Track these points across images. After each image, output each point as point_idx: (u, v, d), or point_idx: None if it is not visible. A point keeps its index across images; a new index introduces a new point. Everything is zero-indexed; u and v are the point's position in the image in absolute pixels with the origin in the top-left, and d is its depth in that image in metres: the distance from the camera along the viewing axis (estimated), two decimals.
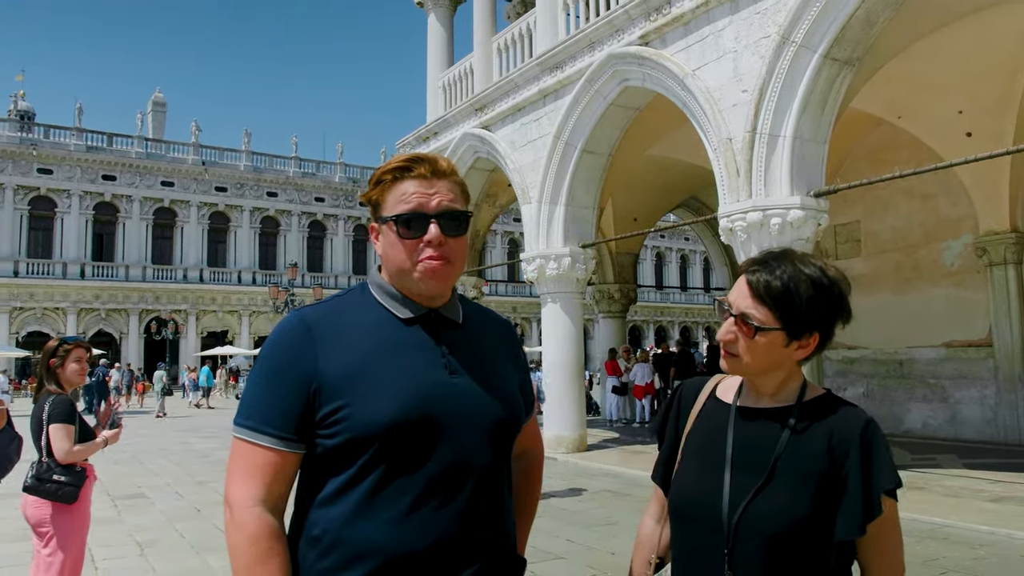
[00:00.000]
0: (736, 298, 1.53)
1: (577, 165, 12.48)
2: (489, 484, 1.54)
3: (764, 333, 1.49)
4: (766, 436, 1.52)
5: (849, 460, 1.45)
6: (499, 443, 1.58)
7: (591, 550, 6.56)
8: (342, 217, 50.04)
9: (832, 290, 1.51)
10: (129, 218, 43.35)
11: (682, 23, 10.19)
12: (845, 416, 1.51)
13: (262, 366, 1.52)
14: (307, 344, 1.49)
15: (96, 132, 43.62)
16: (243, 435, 1.49)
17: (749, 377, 1.58)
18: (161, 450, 14.49)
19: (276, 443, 1.46)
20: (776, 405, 1.56)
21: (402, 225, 1.53)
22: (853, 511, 1.43)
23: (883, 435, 1.49)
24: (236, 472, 1.48)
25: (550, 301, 12.88)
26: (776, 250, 1.58)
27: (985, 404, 12.90)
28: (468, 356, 1.59)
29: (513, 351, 1.76)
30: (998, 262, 12.78)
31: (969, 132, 12.22)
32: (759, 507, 1.45)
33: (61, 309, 41.00)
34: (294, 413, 1.46)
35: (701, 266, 61.85)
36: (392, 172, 1.57)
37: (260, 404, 1.49)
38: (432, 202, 1.54)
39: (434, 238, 1.52)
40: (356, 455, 1.45)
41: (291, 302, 28.91)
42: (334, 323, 1.54)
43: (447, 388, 1.52)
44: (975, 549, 6.31)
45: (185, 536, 7.23)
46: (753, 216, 8.86)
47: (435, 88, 17.01)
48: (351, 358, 1.49)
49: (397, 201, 1.54)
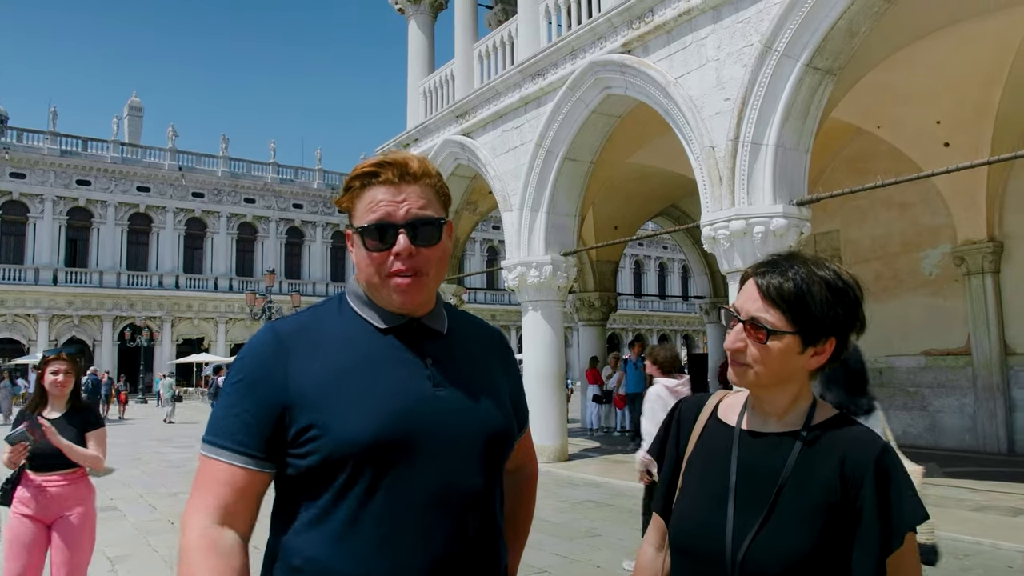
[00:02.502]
0: (744, 303, 1.42)
1: (559, 173, 12.44)
2: (480, 506, 1.43)
3: (777, 337, 1.37)
4: (773, 464, 1.40)
5: (863, 490, 1.33)
6: (490, 461, 1.47)
7: (575, 562, 6.47)
8: (320, 224, 49.71)
9: (848, 292, 1.40)
10: (104, 223, 42.74)
11: (664, 31, 10.18)
12: (858, 441, 1.39)
13: (232, 381, 1.42)
14: (279, 358, 1.39)
15: (71, 136, 42.97)
16: (206, 451, 1.39)
17: (759, 392, 1.45)
18: (135, 460, 14.23)
19: (240, 460, 1.36)
20: (784, 429, 1.43)
21: (368, 237, 1.42)
22: (870, 547, 1.31)
23: (901, 463, 1.38)
24: (195, 489, 1.39)
25: (531, 309, 12.81)
26: (784, 252, 1.47)
27: (964, 412, 12.98)
28: (454, 368, 1.48)
29: (504, 362, 1.64)
30: (976, 271, 12.88)
31: (947, 142, 12.32)
32: (765, 543, 1.34)
33: (33, 316, 40.32)
34: (263, 430, 1.36)
35: (680, 274, 62.09)
36: (360, 178, 1.45)
37: (227, 420, 1.39)
38: (400, 211, 1.42)
39: (403, 250, 1.41)
40: (333, 477, 1.34)
41: (268, 309, 28.64)
42: (309, 336, 1.44)
43: (431, 402, 1.41)
44: (960, 559, 6.28)
45: (158, 551, 7.05)
46: (736, 224, 8.84)
47: (416, 94, 16.92)
48: (326, 372, 1.38)
49: (365, 210, 1.43)
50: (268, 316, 28.56)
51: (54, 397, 4.17)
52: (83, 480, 4.24)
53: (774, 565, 1.33)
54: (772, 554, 1.34)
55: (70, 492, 4.14)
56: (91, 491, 4.30)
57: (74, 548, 4.10)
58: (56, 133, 42.27)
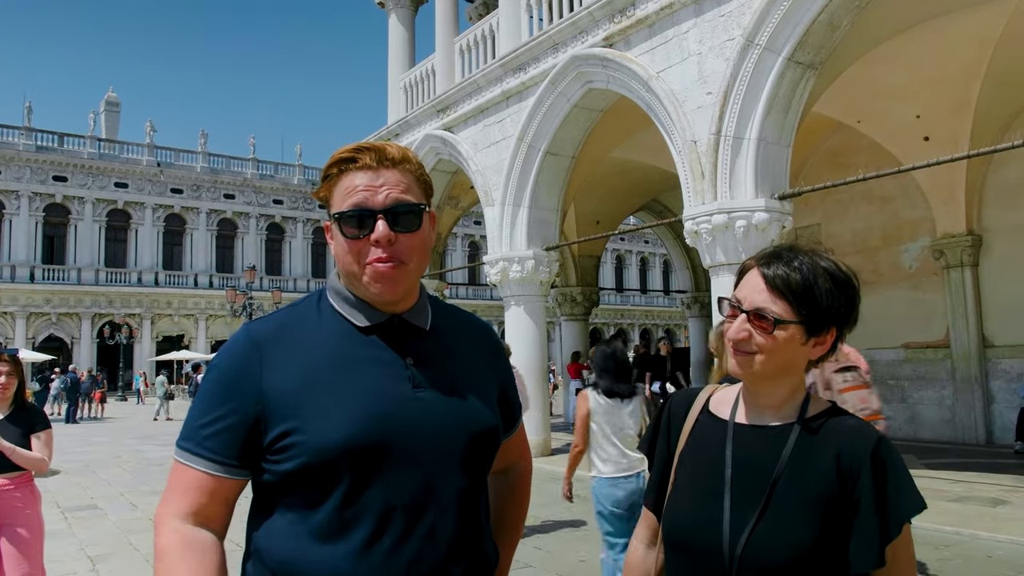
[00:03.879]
0: (749, 293, 1.41)
1: (541, 167, 12.42)
2: (463, 509, 1.39)
3: (784, 327, 1.37)
4: (768, 456, 1.39)
5: (860, 482, 1.33)
6: (474, 461, 1.43)
7: (559, 557, 6.47)
8: (301, 220, 49.43)
9: (850, 283, 1.41)
10: (81, 220, 42.23)
11: (646, 25, 10.17)
12: (854, 433, 1.38)
13: (206, 387, 1.39)
14: (253, 363, 1.35)
15: (46, 132, 42.41)
16: (180, 457, 1.36)
17: (760, 383, 1.44)
18: (115, 459, 14.11)
19: (214, 468, 1.34)
20: (779, 422, 1.43)
21: (346, 223, 1.37)
22: (868, 539, 1.31)
23: (898, 453, 1.37)
24: (168, 492, 1.37)
25: (513, 304, 12.79)
26: (785, 244, 1.48)
27: (943, 404, 13.10)
28: (436, 367, 1.43)
29: (492, 359, 1.59)
30: (955, 264, 13.00)
31: (927, 136, 12.42)
32: (764, 536, 1.33)
33: (9, 313, 39.81)
34: (237, 437, 1.33)
35: (661, 269, 62.29)
36: (337, 164, 1.40)
37: (200, 426, 1.35)
38: (378, 196, 1.37)
39: (381, 236, 1.35)
40: (310, 481, 1.31)
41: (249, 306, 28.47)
42: (285, 338, 1.39)
43: (410, 405, 1.37)
44: (940, 550, 6.34)
45: (139, 549, 6.98)
46: (718, 218, 8.86)
47: (396, 89, 16.83)
48: (303, 376, 1.34)
49: (343, 197, 1.38)
50: (249, 313, 28.39)
51: None
52: (29, 484, 4.18)
53: (774, 558, 1.32)
54: (771, 547, 1.33)
55: (15, 496, 4.07)
56: (37, 496, 4.23)
57: (28, 555, 4.04)
58: (31, 128, 41.68)
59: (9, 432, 4.02)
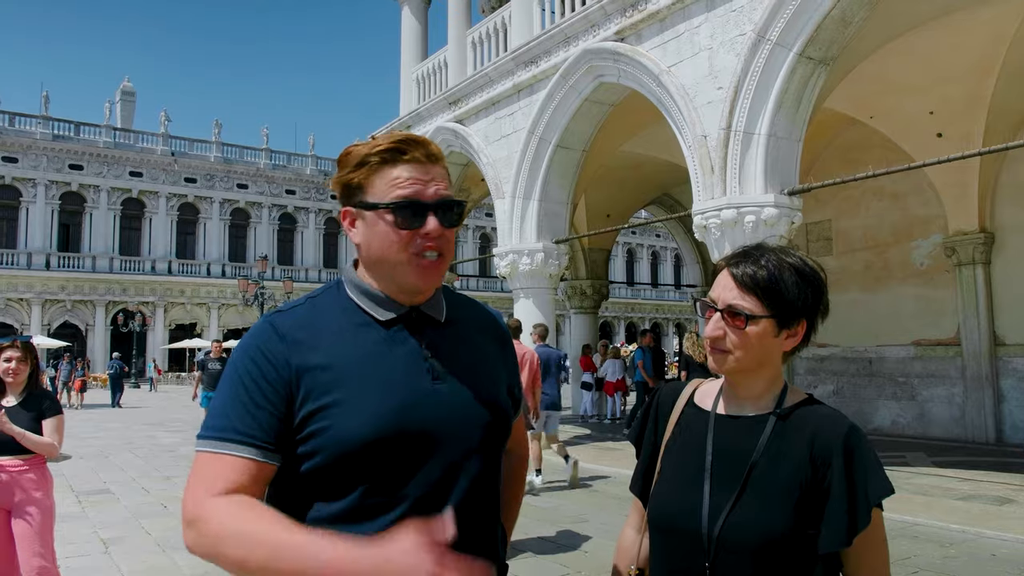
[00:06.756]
0: (721, 292, 1.49)
1: (551, 160, 12.44)
2: (480, 495, 1.43)
3: (755, 322, 1.44)
4: (746, 445, 1.46)
5: (832, 469, 1.39)
6: (490, 450, 1.47)
7: (562, 547, 6.51)
8: (313, 210, 49.61)
9: (816, 276, 1.49)
10: (96, 208, 42.60)
11: (658, 19, 10.16)
12: (827, 422, 1.45)
13: (231, 375, 1.37)
14: (281, 353, 1.35)
15: (63, 120, 42.81)
16: (209, 446, 1.31)
17: (738, 377, 1.52)
18: (127, 444, 14.24)
19: (249, 452, 1.29)
20: (757, 412, 1.50)
21: (399, 214, 1.38)
22: (838, 522, 1.37)
23: (868, 442, 1.44)
24: (197, 485, 1.29)
25: (523, 296, 12.83)
26: (751, 244, 1.55)
27: (953, 403, 13.05)
28: (453, 358, 1.46)
29: (502, 349, 1.62)
30: (966, 262, 12.91)
31: (940, 133, 12.33)
32: (739, 520, 1.40)
33: (25, 300, 40.22)
34: (271, 420, 1.31)
35: (672, 263, 62.18)
36: (381, 153, 1.39)
37: (229, 412, 1.32)
38: (429, 190, 1.39)
39: (433, 230, 1.39)
40: (332, 474, 1.32)
41: (261, 295, 28.61)
42: (307, 329, 1.40)
43: (431, 397, 1.39)
44: (946, 548, 6.35)
45: (151, 533, 7.07)
46: (728, 214, 8.87)
47: (409, 81, 16.86)
48: (324, 370, 1.35)
49: (389, 186, 1.38)
50: (261, 302, 28.53)
51: (9, 384, 4.20)
52: (42, 467, 4.25)
53: (748, 540, 1.39)
54: (745, 529, 1.39)
55: (29, 477, 4.15)
56: (49, 479, 4.30)
57: (40, 537, 4.11)
58: (48, 117, 42.06)
59: (21, 417, 4.09)
